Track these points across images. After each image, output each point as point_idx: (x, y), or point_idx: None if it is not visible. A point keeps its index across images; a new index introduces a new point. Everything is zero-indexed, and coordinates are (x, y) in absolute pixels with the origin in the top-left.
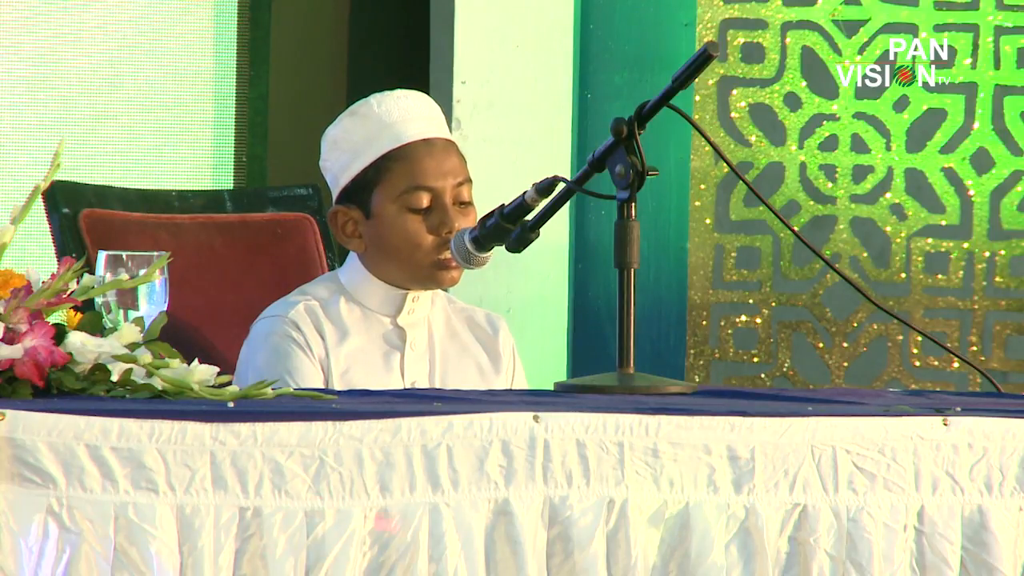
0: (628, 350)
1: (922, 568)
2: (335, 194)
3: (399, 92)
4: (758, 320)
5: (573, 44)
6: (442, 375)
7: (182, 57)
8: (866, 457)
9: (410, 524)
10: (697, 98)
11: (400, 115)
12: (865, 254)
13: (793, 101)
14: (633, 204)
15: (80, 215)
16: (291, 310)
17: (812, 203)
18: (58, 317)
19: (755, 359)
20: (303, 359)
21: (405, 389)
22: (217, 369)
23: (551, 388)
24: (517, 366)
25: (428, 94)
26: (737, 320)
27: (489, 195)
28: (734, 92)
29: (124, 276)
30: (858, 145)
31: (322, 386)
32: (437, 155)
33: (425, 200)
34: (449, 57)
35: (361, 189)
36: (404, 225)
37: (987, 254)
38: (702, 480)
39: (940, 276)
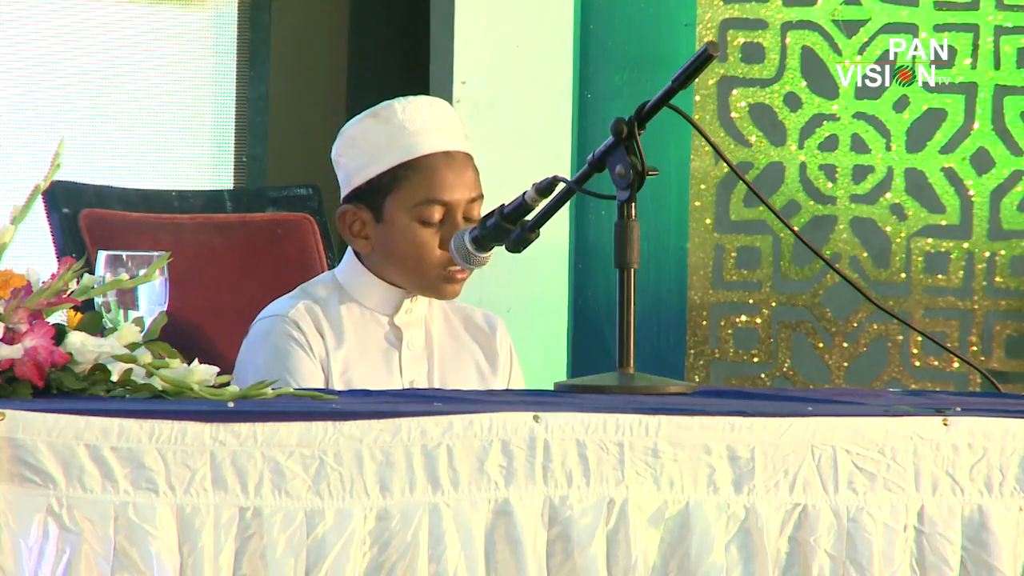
0: (628, 350)
1: (922, 568)
2: (345, 191)
3: (424, 99)
4: (758, 320)
5: (573, 44)
6: (440, 374)
7: (182, 57)
8: (866, 457)
9: (410, 524)
10: (697, 98)
11: (423, 124)
12: (865, 254)
13: (793, 101)
14: (633, 204)
15: (80, 215)
16: (291, 310)
17: (812, 203)
18: (58, 317)
19: (755, 359)
20: (303, 359)
21: (405, 389)
22: (217, 369)
23: (551, 388)
24: (514, 366)
25: (428, 94)
26: (737, 320)
27: (489, 195)
28: (734, 92)
29: (124, 276)
30: (858, 145)
31: (322, 386)
32: (456, 168)
33: (438, 214)
34: (449, 57)
35: (375, 193)
36: (415, 236)
37: (987, 254)
38: (702, 480)
39: (940, 276)
